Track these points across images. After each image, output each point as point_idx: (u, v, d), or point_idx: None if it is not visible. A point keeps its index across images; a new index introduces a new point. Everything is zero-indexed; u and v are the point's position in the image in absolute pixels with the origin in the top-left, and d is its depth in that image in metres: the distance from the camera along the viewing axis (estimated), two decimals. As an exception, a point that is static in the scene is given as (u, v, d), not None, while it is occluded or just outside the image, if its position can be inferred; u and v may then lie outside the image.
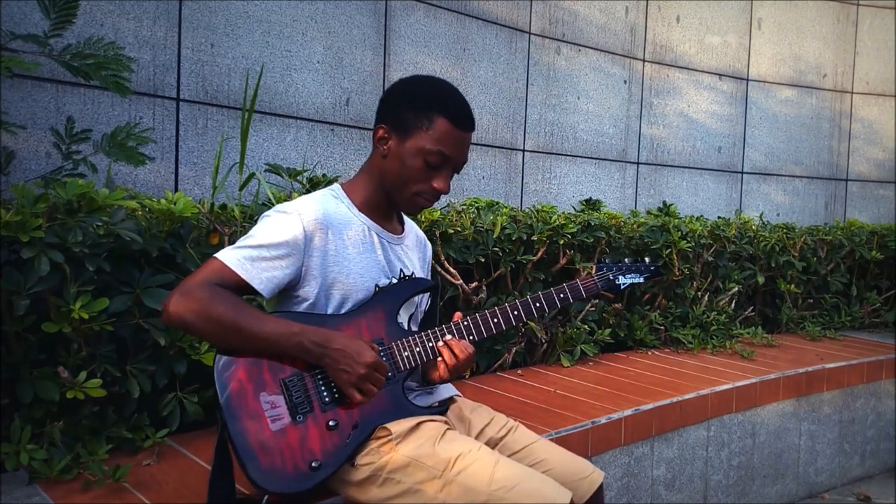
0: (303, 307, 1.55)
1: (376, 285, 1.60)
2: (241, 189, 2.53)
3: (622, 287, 1.74)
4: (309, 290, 1.54)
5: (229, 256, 1.46)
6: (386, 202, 1.64)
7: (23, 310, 1.66)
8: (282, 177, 2.83)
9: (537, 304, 1.65)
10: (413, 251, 1.74)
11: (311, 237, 1.51)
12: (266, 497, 1.45)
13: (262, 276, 1.47)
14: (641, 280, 1.74)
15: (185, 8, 2.74)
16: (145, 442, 1.88)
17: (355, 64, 3.27)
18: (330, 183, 2.89)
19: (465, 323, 1.61)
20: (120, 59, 2.04)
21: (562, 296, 1.67)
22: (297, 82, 3.08)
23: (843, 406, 3.41)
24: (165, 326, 1.91)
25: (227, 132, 2.87)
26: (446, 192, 1.60)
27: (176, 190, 2.73)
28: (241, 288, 1.46)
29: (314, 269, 1.53)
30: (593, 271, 1.74)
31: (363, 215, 1.62)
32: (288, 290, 1.55)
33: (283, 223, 1.50)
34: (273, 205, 2.35)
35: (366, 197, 1.63)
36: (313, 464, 1.43)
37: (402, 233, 1.71)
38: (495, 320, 1.62)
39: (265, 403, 1.45)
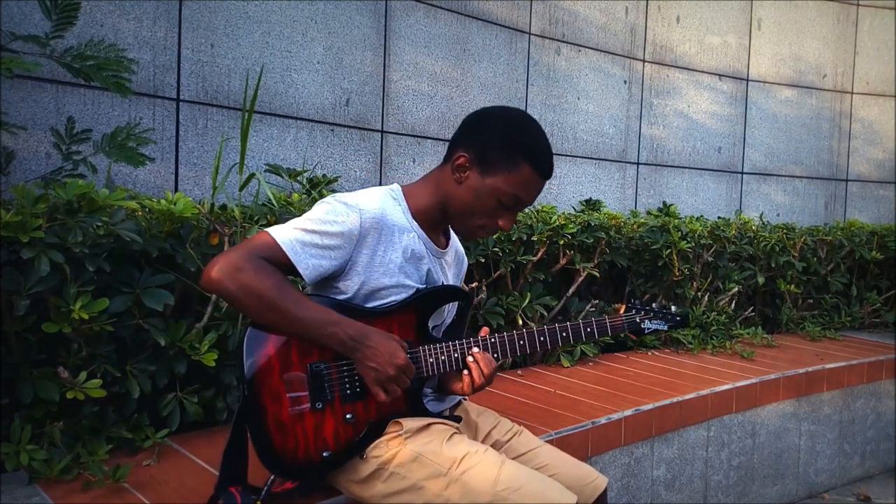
0: (339, 298, 1.55)
1: (416, 289, 1.59)
2: (241, 189, 2.53)
3: (646, 332, 1.75)
4: (349, 285, 1.54)
5: (282, 235, 1.45)
6: (441, 218, 1.63)
7: (23, 310, 1.66)
8: (282, 177, 2.83)
9: (563, 335, 1.66)
10: (451, 267, 1.75)
11: (365, 234, 1.51)
12: (272, 477, 1.46)
13: (310, 262, 1.46)
14: (665, 328, 1.76)
15: (185, 8, 2.74)
16: (145, 442, 1.88)
17: (355, 64, 3.27)
18: (330, 183, 2.90)
19: (492, 340, 1.61)
20: (121, 61, 2.04)
21: (588, 331, 1.67)
22: (297, 83, 3.08)
23: (843, 406, 3.41)
24: (165, 326, 1.91)
25: (227, 132, 2.87)
26: (508, 230, 1.62)
27: (176, 190, 2.73)
28: (286, 268, 1.45)
29: (359, 266, 1.53)
30: (622, 311, 1.76)
31: (416, 224, 1.61)
32: (328, 280, 1.54)
33: (342, 214, 1.49)
34: (273, 205, 2.36)
35: (423, 207, 1.62)
36: (325, 453, 1.46)
37: (445, 247, 1.71)
38: (521, 343, 1.63)
39: (288, 385, 1.46)
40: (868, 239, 4.50)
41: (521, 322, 2.98)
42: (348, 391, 1.49)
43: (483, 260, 2.89)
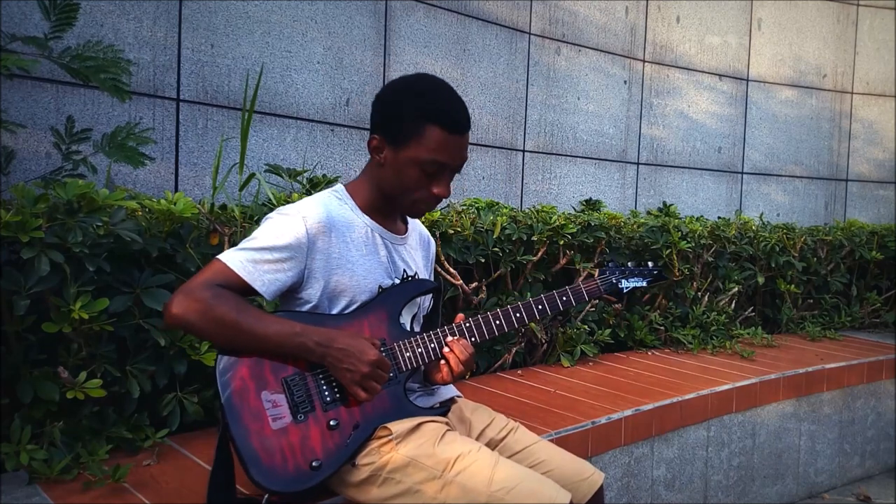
0: (305, 309, 1.55)
1: (379, 286, 1.59)
2: (241, 189, 2.53)
3: (625, 290, 1.73)
4: (312, 293, 1.54)
5: (232, 258, 1.46)
6: (387, 204, 1.63)
7: (23, 310, 1.66)
8: (282, 177, 2.83)
9: (539, 307, 1.65)
10: (416, 250, 1.74)
11: (314, 240, 1.51)
12: (267, 496, 1.45)
13: (265, 278, 1.47)
14: (644, 284, 1.74)
15: (185, 8, 2.74)
16: (145, 442, 1.88)
17: (355, 64, 3.27)
18: (331, 183, 2.90)
19: (468, 324, 1.61)
20: (119, 62, 2.04)
21: (564, 298, 1.66)
22: (297, 83, 3.08)
23: (843, 406, 3.41)
24: (165, 326, 1.91)
25: (227, 132, 2.87)
26: (447, 196, 1.58)
27: (176, 190, 2.73)
28: (243, 290, 1.46)
29: (317, 272, 1.52)
30: (596, 274, 1.74)
31: (366, 216, 1.61)
32: (291, 292, 1.55)
33: (285, 225, 1.50)
34: (274, 205, 2.36)
35: (368, 199, 1.62)
36: (314, 463, 1.43)
37: (405, 232, 1.71)
38: (497, 322, 1.62)
39: (267, 402, 1.45)
40: (868, 239, 4.50)
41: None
42: (328, 398, 1.48)
43: (483, 260, 2.89)
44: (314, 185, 2.83)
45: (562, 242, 3.07)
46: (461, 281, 2.76)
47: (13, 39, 1.97)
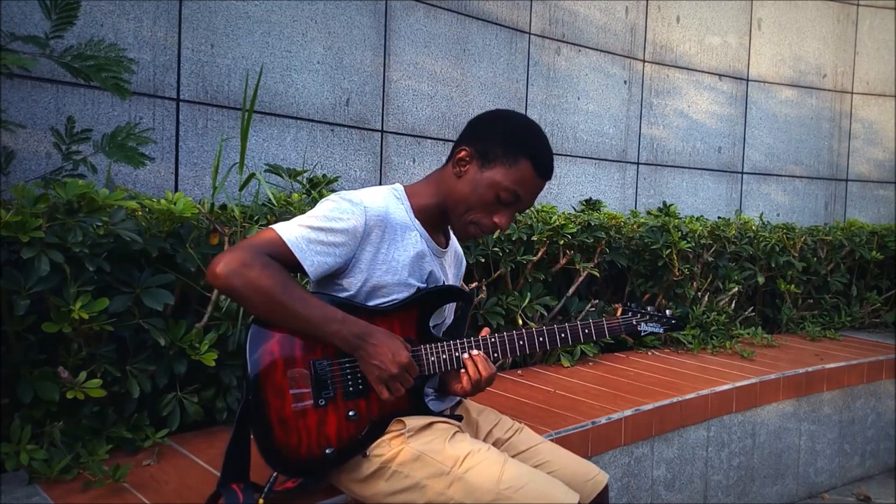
0: (342, 296, 1.56)
1: (417, 289, 1.60)
2: (241, 189, 2.53)
3: (643, 334, 1.76)
4: (352, 282, 1.54)
5: (288, 232, 1.46)
6: (440, 216, 1.64)
7: (23, 310, 1.66)
8: (282, 177, 2.83)
9: (562, 335, 1.66)
10: (451, 267, 1.76)
11: (369, 231, 1.52)
12: (274, 475, 1.46)
13: (315, 259, 1.47)
14: (661, 331, 1.78)
15: (185, 8, 2.74)
16: (145, 442, 1.88)
17: (355, 64, 3.27)
18: (331, 183, 2.90)
19: (492, 340, 1.62)
20: (121, 61, 2.04)
21: (586, 332, 1.68)
22: (297, 82, 3.08)
23: (843, 406, 3.41)
24: (165, 326, 1.91)
25: (227, 132, 2.87)
26: (504, 230, 1.62)
27: (176, 190, 2.73)
28: (291, 265, 1.46)
29: (363, 263, 1.53)
30: (618, 313, 1.77)
31: (418, 222, 1.62)
32: (331, 277, 1.55)
33: (347, 211, 1.50)
34: (273, 205, 2.36)
35: (425, 206, 1.63)
36: (327, 450, 1.46)
37: (445, 247, 1.72)
38: (521, 343, 1.63)
39: (291, 381, 1.46)
40: (868, 239, 4.50)
41: (521, 322, 2.98)
42: (351, 388, 1.50)
43: (483, 260, 2.89)
44: (314, 185, 2.83)
45: (562, 242, 3.07)
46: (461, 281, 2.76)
47: (13, 39, 1.97)
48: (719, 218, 4.39)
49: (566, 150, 4.21)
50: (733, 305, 3.91)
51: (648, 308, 1.79)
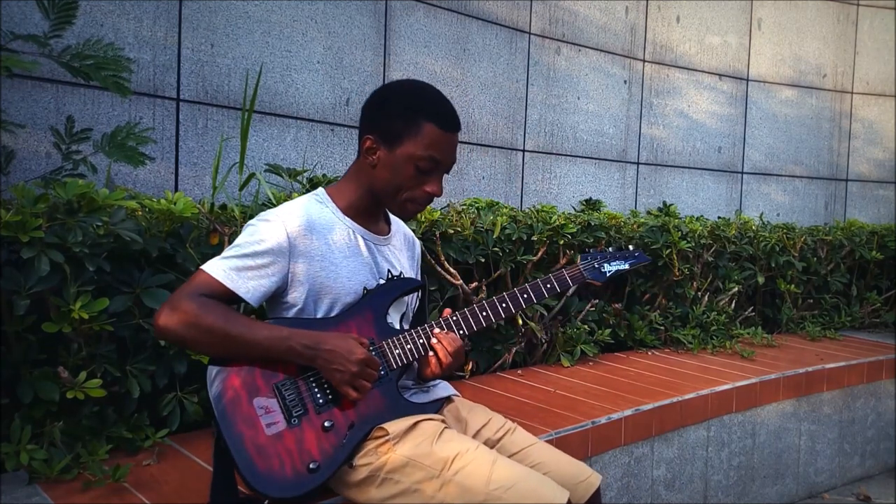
0: (292, 313, 1.56)
1: (364, 288, 1.60)
2: (241, 189, 2.53)
3: (608, 274, 1.74)
4: (297, 296, 1.54)
5: (215, 268, 1.47)
6: (372, 205, 1.64)
7: (23, 310, 1.66)
8: (282, 177, 2.83)
9: (524, 296, 1.66)
10: (401, 251, 1.75)
11: (294, 243, 1.52)
12: (267, 502, 1.45)
13: (249, 284, 1.47)
14: (626, 266, 1.75)
15: (185, 8, 2.74)
16: (145, 442, 1.88)
17: (355, 64, 3.27)
18: (330, 183, 2.90)
19: (455, 318, 1.62)
20: (119, 60, 2.04)
21: (548, 286, 1.68)
22: (297, 82, 3.08)
23: (843, 406, 3.41)
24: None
25: (227, 132, 2.87)
26: (439, 196, 1.60)
27: (176, 190, 2.73)
28: (228, 298, 1.47)
29: (300, 275, 1.53)
30: (578, 260, 1.75)
31: (348, 219, 1.62)
32: (276, 297, 1.56)
33: (266, 231, 1.51)
34: (274, 205, 2.36)
35: (351, 201, 1.63)
36: (311, 465, 1.43)
37: (388, 233, 1.72)
38: (484, 314, 1.63)
39: (259, 409, 1.45)
40: (868, 239, 4.50)
41: (520, 322, 2.98)
42: (320, 400, 1.49)
43: (483, 260, 2.89)
44: (314, 185, 2.83)
45: (562, 242, 3.07)
46: (461, 281, 2.76)
47: (13, 38, 1.97)
48: (719, 218, 4.39)
49: (566, 150, 4.21)
50: (733, 305, 3.91)
51: (609, 248, 1.77)
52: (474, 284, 2.84)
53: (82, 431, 1.80)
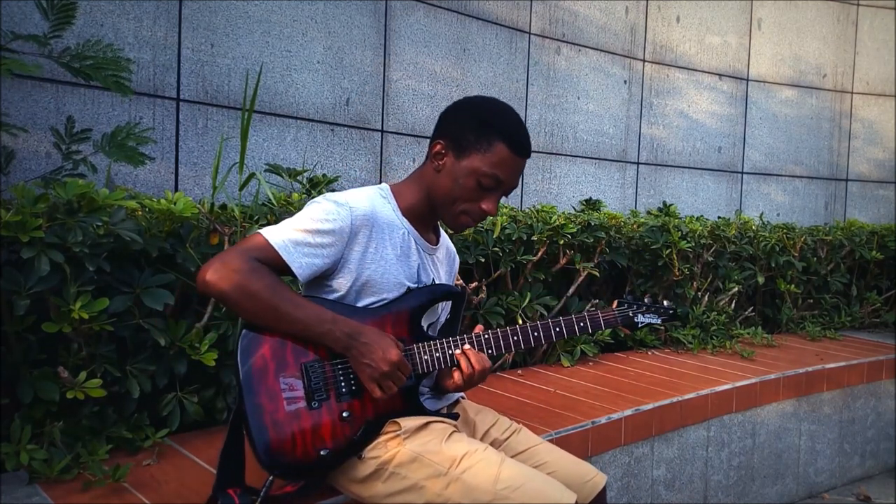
0: (333, 297, 1.56)
1: (407, 288, 1.61)
2: (241, 189, 2.53)
3: (640, 326, 1.76)
4: (342, 282, 1.55)
5: (275, 235, 1.47)
6: (429, 212, 1.65)
7: (23, 310, 1.66)
8: (282, 177, 2.83)
9: (557, 329, 1.67)
10: (443, 264, 1.76)
11: (356, 231, 1.53)
12: (270, 479, 1.46)
13: (303, 261, 1.47)
14: (658, 322, 1.78)
15: (185, 8, 2.74)
16: (145, 442, 1.88)
17: (355, 64, 3.27)
18: (331, 183, 2.90)
19: (486, 336, 1.62)
20: (118, 60, 2.04)
21: (581, 325, 1.69)
22: (297, 82, 3.08)
23: (843, 406, 3.41)
24: (165, 326, 1.91)
25: (227, 132, 2.87)
26: (493, 215, 1.61)
27: (176, 190, 2.73)
28: (279, 268, 1.47)
29: (351, 263, 1.54)
30: (615, 305, 1.77)
31: (406, 220, 1.63)
32: (321, 279, 1.56)
33: (333, 212, 1.51)
34: (273, 205, 2.36)
35: (411, 203, 1.64)
36: (322, 451, 1.45)
37: (436, 244, 1.73)
38: (515, 338, 1.64)
39: (284, 384, 1.46)
40: (868, 239, 4.50)
41: (521, 322, 2.98)
42: (344, 389, 1.50)
43: (483, 260, 2.89)
44: (314, 185, 2.83)
45: (562, 242, 3.07)
46: (461, 281, 2.76)
47: (13, 38, 1.97)
48: (719, 218, 4.39)
49: (566, 150, 4.21)
50: (733, 305, 3.91)
51: (645, 299, 1.79)
52: (474, 284, 2.84)
53: (82, 431, 1.80)
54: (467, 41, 3.71)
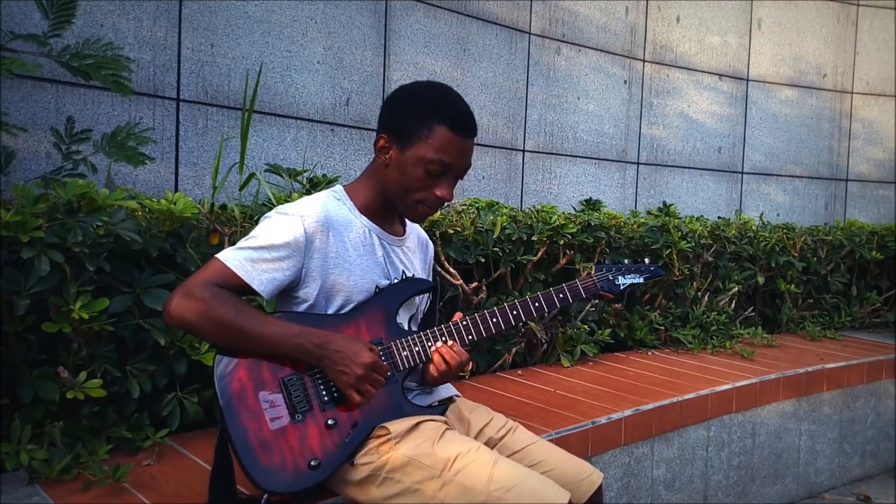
0: (302, 308, 1.56)
1: (376, 287, 1.60)
2: (241, 189, 2.53)
3: (622, 287, 1.73)
4: (309, 292, 1.54)
5: (230, 257, 1.47)
6: (387, 206, 1.64)
7: (23, 310, 1.66)
8: (282, 177, 2.83)
9: (536, 304, 1.65)
10: (414, 253, 1.75)
11: (311, 239, 1.52)
12: (265, 496, 1.45)
13: (263, 277, 1.47)
14: (641, 280, 1.74)
15: (185, 8, 2.74)
16: (145, 442, 1.88)
17: (355, 64, 3.27)
18: (331, 183, 2.90)
19: (465, 323, 1.61)
20: (118, 60, 2.04)
21: (561, 296, 1.67)
22: (297, 82, 3.08)
23: (843, 406, 3.41)
24: (165, 326, 1.91)
25: (227, 132, 2.87)
26: (449, 200, 1.59)
27: (176, 190, 2.73)
28: (241, 289, 1.47)
29: (314, 271, 1.53)
30: (592, 272, 1.74)
31: (364, 217, 1.62)
32: (288, 291, 1.55)
33: (284, 224, 1.50)
34: (273, 205, 2.36)
35: (367, 200, 1.63)
36: (312, 462, 1.43)
37: (403, 234, 1.72)
38: (494, 320, 1.63)
39: (264, 402, 1.45)
40: (868, 239, 4.50)
41: (521, 322, 2.98)
42: (325, 398, 1.49)
43: (483, 260, 2.89)
44: (314, 185, 2.83)
45: (562, 242, 3.07)
46: (461, 281, 2.76)
47: (13, 37, 1.97)
48: (719, 218, 4.39)
49: (566, 150, 4.21)
50: (733, 305, 3.91)
51: (624, 260, 1.77)
52: (474, 284, 2.84)
53: (82, 431, 1.80)
54: (467, 41, 3.71)
